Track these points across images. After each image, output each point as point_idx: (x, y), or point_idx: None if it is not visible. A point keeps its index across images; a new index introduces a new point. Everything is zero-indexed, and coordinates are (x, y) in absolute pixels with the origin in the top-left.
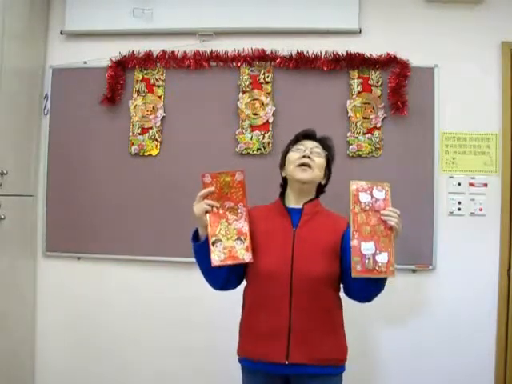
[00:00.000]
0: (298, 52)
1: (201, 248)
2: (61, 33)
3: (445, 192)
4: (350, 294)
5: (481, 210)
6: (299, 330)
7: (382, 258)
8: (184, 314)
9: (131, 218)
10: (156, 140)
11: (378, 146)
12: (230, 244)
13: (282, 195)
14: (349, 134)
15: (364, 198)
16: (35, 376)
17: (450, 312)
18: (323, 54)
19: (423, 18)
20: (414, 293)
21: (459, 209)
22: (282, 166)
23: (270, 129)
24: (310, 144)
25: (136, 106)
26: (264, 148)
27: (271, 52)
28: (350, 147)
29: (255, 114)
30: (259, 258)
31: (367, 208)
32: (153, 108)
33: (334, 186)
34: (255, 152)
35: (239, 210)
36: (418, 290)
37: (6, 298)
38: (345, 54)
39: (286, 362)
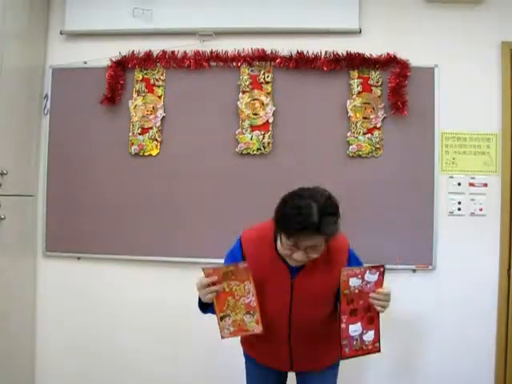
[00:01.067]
0: (297, 52)
1: (211, 312)
2: (61, 33)
3: (445, 192)
4: None
5: (481, 209)
6: (300, 357)
7: (369, 336)
8: (184, 313)
9: (131, 218)
10: (156, 140)
11: (377, 146)
12: (239, 318)
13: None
14: (349, 134)
15: (354, 282)
16: (35, 376)
17: (449, 312)
18: (323, 53)
19: (423, 18)
20: (414, 293)
21: (459, 209)
22: (276, 231)
23: (270, 129)
24: (305, 242)
25: (136, 105)
26: (264, 148)
27: (271, 52)
28: (350, 147)
29: (255, 114)
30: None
31: (356, 291)
32: (153, 108)
33: (335, 186)
34: (255, 152)
35: (246, 287)
36: (418, 290)
37: (6, 297)
38: (345, 54)
39: (290, 371)
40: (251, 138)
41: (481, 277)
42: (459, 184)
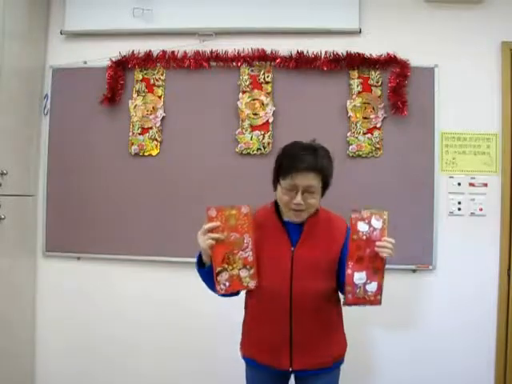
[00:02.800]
0: (297, 52)
1: (205, 273)
2: (61, 33)
3: (445, 192)
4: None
5: (481, 209)
6: (300, 342)
7: (372, 287)
8: (184, 313)
9: (131, 218)
10: (156, 140)
11: (377, 146)
12: (235, 273)
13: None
14: (349, 134)
15: (362, 227)
16: (35, 376)
17: (450, 312)
18: (323, 53)
19: (423, 18)
20: (414, 293)
21: (459, 209)
22: (275, 184)
23: (270, 129)
24: (302, 181)
25: (136, 105)
26: (264, 148)
27: (271, 52)
28: (350, 147)
29: (255, 114)
30: (258, 276)
31: (364, 238)
32: (153, 108)
33: (335, 186)
34: (255, 152)
35: (245, 241)
36: (418, 290)
37: (6, 297)
38: (345, 54)
39: (290, 370)
40: (251, 138)
41: (481, 277)
42: (459, 184)
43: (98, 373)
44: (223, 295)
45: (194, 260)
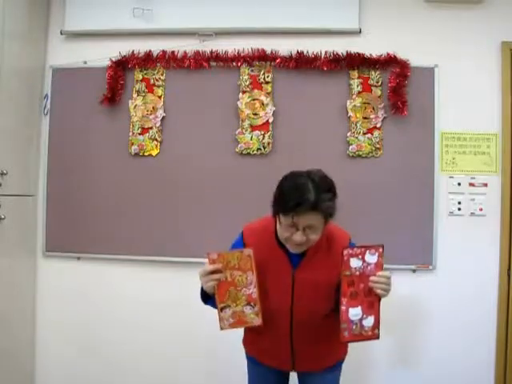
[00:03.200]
0: (297, 52)
1: (212, 303)
2: (61, 33)
3: (445, 192)
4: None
5: (481, 209)
6: (302, 355)
7: (368, 322)
8: (184, 314)
9: (131, 218)
10: (156, 140)
11: (377, 146)
12: (239, 309)
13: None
14: (349, 134)
15: (355, 263)
16: (35, 376)
17: (449, 312)
18: (323, 53)
19: (423, 18)
20: (414, 293)
21: (459, 209)
22: (274, 215)
23: (270, 129)
24: (303, 221)
25: (136, 105)
26: (264, 148)
27: (271, 52)
28: (350, 147)
29: (255, 114)
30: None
31: (357, 273)
32: (153, 108)
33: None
34: (255, 152)
35: (248, 278)
36: (418, 290)
37: (6, 297)
38: (345, 54)
39: (292, 371)
40: (251, 138)
41: (481, 277)
42: (459, 184)
43: (98, 373)
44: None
45: (195, 260)
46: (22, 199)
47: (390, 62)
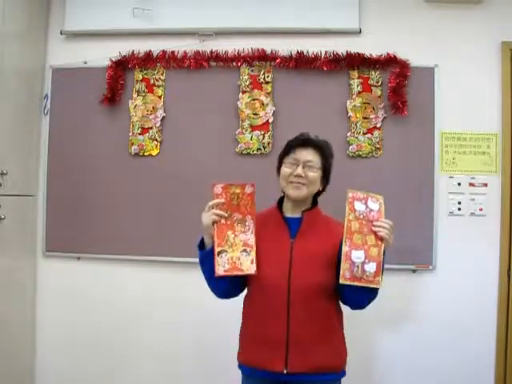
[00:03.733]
0: (297, 52)
1: (206, 256)
2: (61, 33)
3: (445, 192)
4: (342, 300)
5: (481, 209)
6: (297, 340)
7: (371, 267)
8: (184, 314)
9: (131, 218)
10: (156, 140)
11: (377, 146)
12: (236, 255)
13: (281, 201)
14: (349, 134)
15: (359, 206)
16: (35, 376)
17: (450, 312)
18: (323, 54)
19: (423, 18)
20: (414, 293)
21: (459, 209)
22: (279, 170)
23: (270, 129)
24: (303, 155)
25: (136, 105)
26: (264, 148)
27: (271, 52)
28: (350, 147)
29: (255, 114)
30: (258, 269)
31: (361, 217)
32: (153, 108)
33: (334, 186)
34: (255, 152)
35: (247, 223)
36: (418, 290)
37: (6, 297)
38: (345, 54)
39: (285, 372)
40: (251, 138)
41: (481, 277)
42: (459, 184)
43: (98, 373)
44: (221, 279)
45: (195, 260)
46: (22, 199)
47: (389, 61)
